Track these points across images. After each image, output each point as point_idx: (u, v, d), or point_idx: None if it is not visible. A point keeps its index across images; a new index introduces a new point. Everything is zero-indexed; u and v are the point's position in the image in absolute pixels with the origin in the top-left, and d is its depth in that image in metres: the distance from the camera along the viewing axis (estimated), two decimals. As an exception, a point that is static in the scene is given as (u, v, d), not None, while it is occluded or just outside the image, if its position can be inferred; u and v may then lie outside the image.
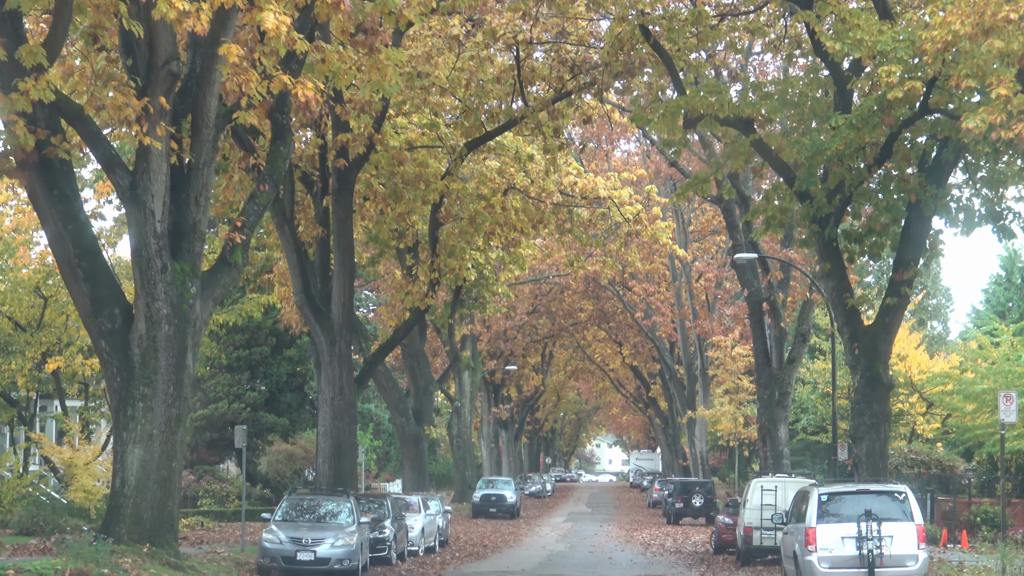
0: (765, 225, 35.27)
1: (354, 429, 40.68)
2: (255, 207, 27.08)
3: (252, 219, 27.00)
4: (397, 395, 54.64)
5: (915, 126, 31.31)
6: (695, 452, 75.04)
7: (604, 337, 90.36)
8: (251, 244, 50.92)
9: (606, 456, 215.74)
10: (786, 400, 47.39)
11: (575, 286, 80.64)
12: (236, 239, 26.29)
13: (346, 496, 31.01)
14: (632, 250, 60.04)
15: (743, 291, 48.13)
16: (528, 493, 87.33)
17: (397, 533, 33.97)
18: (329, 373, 40.20)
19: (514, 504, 64.03)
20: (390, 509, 34.43)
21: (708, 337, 71.00)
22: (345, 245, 39.89)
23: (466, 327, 68.15)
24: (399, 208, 40.23)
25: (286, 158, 28.44)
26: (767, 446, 47.15)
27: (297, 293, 40.15)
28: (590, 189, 49.57)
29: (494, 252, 52.72)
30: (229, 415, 65.93)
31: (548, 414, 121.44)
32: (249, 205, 27.11)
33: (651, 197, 55.70)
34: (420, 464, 55.06)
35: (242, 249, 26.61)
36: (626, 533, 52.63)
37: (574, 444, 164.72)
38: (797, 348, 47.74)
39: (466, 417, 70.19)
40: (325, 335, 39.85)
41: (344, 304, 40.14)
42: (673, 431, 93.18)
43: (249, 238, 26.98)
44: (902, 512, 25.59)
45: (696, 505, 59.23)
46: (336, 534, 29.09)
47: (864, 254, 33.92)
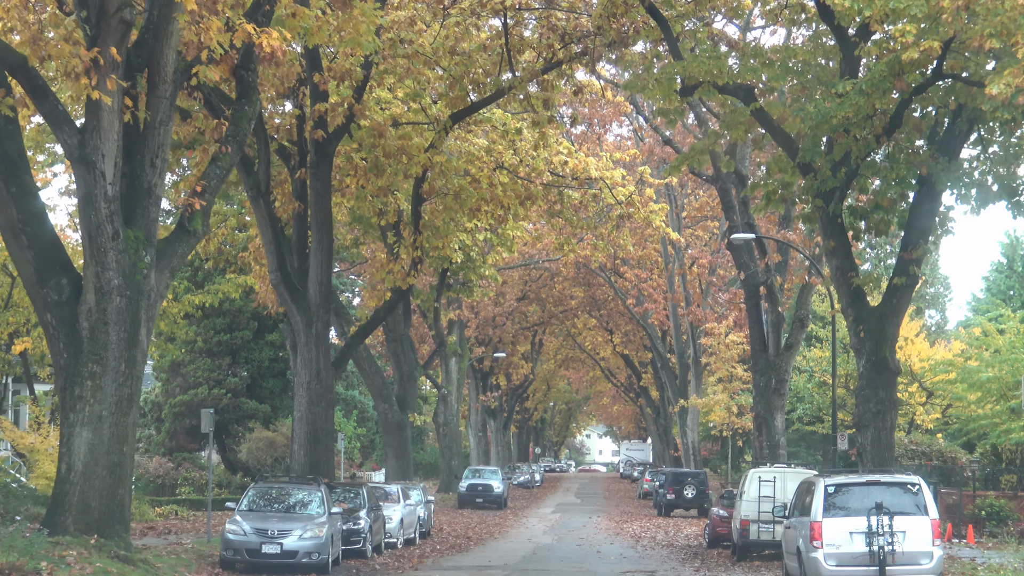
0: (765, 200, 33.09)
1: (331, 415, 38.50)
2: (217, 171, 24.83)
3: (213, 183, 24.75)
4: (380, 381, 52.43)
5: (926, 95, 29.19)
6: (687, 442, 72.94)
7: (595, 325, 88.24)
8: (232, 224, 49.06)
9: (596, 446, 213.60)
10: (783, 388, 45.23)
11: (565, 272, 78.48)
12: (195, 205, 24.05)
13: (316, 485, 28.81)
14: (624, 233, 58.13)
15: (739, 275, 45.93)
16: (516, 483, 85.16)
17: (373, 524, 31.75)
18: (305, 355, 38.05)
19: (501, 494, 61.89)
20: (365, 499, 32.22)
21: (701, 325, 68.88)
22: (323, 221, 37.70)
23: (453, 312, 66.01)
24: (380, 182, 38.00)
25: (251, 118, 26.17)
26: (763, 436, 45.02)
27: (272, 271, 37.99)
28: (581, 170, 47.65)
29: (481, 233, 50.65)
30: (209, 401, 63.74)
31: (538, 403, 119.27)
32: (210, 168, 24.87)
33: (644, 179, 53.63)
34: (404, 452, 52.87)
35: (202, 216, 24.37)
36: (616, 525, 50.51)
37: (564, 434, 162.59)
38: (795, 334, 45.58)
39: (453, 405, 68.04)
40: (301, 315, 37.70)
41: (322, 283, 37.97)
42: (664, 421, 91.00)
43: (210, 204, 24.74)
44: (915, 505, 23.40)
45: (688, 496, 57.12)
46: (304, 525, 26.89)
47: (870, 231, 31.80)
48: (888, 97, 27.55)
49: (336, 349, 41.67)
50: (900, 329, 33.47)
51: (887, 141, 29.57)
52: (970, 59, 27.33)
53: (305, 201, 37.93)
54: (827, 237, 31.51)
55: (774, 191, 32.48)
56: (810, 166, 30.24)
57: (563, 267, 76.41)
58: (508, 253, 53.80)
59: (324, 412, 38.01)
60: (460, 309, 67.63)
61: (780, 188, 32.50)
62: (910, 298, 32.10)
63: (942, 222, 31.32)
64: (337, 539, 28.32)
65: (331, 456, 38.39)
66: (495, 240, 52.15)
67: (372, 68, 36.23)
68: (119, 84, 22.36)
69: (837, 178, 29.94)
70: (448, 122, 37.79)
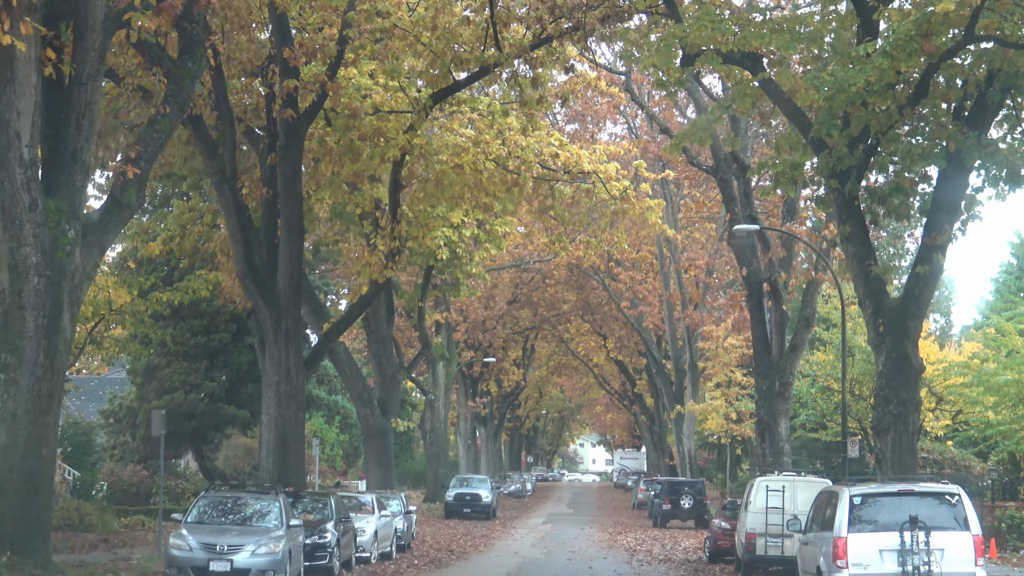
0: (774, 182, 29.78)
1: (302, 418, 35.22)
2: (155, 134, 21.52)
3: (151, 149, 21.44)
4: (361, 384, 49.08)
5: (954, 61, 25.95)
6: (683, 450, 69.57)
7: (588, 330, 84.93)
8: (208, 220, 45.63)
9: (590, 455, 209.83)
10: (787, 391, 41.90)
11: (557, 275, 75.25)
12: (129, 173, 20.73)
13: (275, 494, 25.47)
14: (619, 231, 55.01)
15: (740, 271, 42.55)
16: (507, 493, 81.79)
17: (342, 537, 28.40)
18: (274, 354, 34.80)
19: (489, 504, 58.57)
20: (334, 509, 28.85)
21: (698, 328, 65.63)
22: (293, 208, 34.46)
23: (440, 314, 62.67)
24: (355, 167, 34.70)
25: (195, 76, 22.87)
26: (766, 442, 41.66)
27: (238, 263, 34.75)
28: (573, 163, 44.74)
29: (468, 229, 47.47)
30: (185, 406, 60.28)
31: (530, 411, 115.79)
32: (148, 132, 21.56)
33: (639, 173, 50.51)
34: (386, 460, 49.50)
35: (137, 186, 21.04)
36: (609, 537, 47.17)
37: (557, 443, 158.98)
38: (800, 334, 42.26)
39: (440, 411, 64.66)
40: (270, 310, 34.44)
41: (292, 275, 34.71)
42: (659, 429, 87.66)
43: (147, 173, 21.44)
44: (955, 519, 20.01)
45: (685, 507, 53.82)
46: (259, 539, 23.55)
47: (890, 215, 28.57)
48: (914, 60, 24.32)
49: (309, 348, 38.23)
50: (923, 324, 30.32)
51: (911, 112, 26.33)
52: (1007, 19, 24.11)
53: (275, 187, 34.67)
54: (842, 222, 28.19)
55: (783, 172, 29.18)
56: (824, 143, 26.97)
57: (555, 269, 73.17)
58: (496, 250, 50.57)
59: (294, 415, 34.77)
60: (448, 311, 64.28)
61: (790, 169, 29.20)
62: (934, 289, 28.85)
63: (969, 205, 27.96)
64: (298, 554, 24.99)
65: (302, 463, 35.09)
66: (483, 237, 48.92)
67: (347, 44, 33.01)
68: (36, 30, 19.08)
69: (854, 156, 26.63)
70: (428, 101, 34.53)
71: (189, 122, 32.36)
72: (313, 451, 48.78)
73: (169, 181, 40.87)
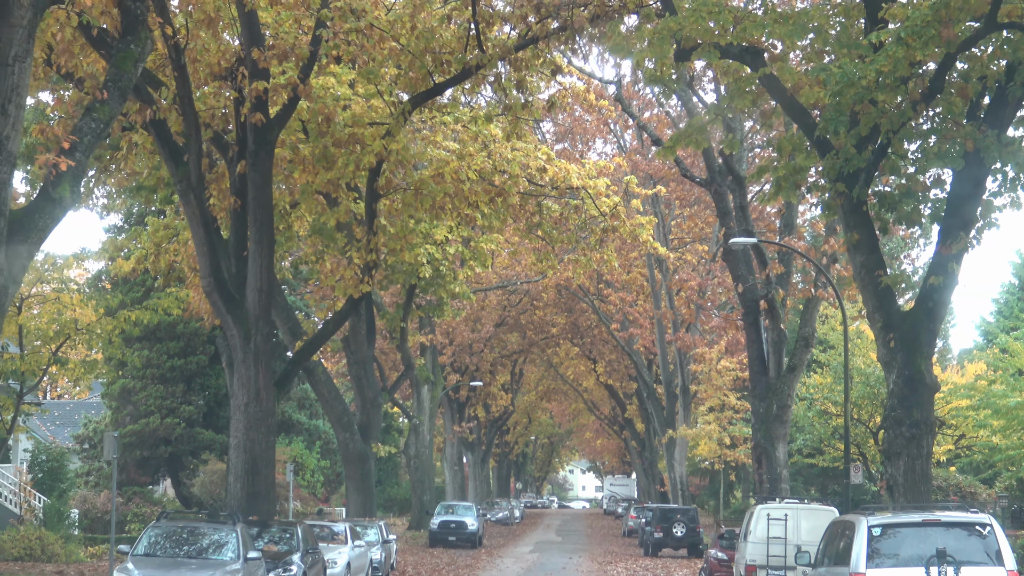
0: (775, 187, 27.51)
1: (272, 442, 32.73)
2: (91, 124, 19.10)
3: (88, 140, 19.03)
4: (340, 407, 46.61)
5: (973, 51, 23.77)
6: (674, 476, 67.16)
7: (577, 353, 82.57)
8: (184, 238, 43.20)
9: (579, 482, 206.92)
10: (785, 414, 39.61)
11: (546, 297, 72.94)
12: (62, 165, 18.37)
13: (232, 523, 23.06)
14: (608, 249, 52.80)
15: (737, 287, 40.25)
16: (494, 520, 79.21)
17: (309, 570, 25.98)
18: (243, 374, 32.35)
19: (475, 532, 56.07)
20: (301, 540, 26.40)
21: (690, 351, 63.31)
22: (263, 218, 32.09)
23: (425, 336, 60.26)
24: (330, 175, 32.39)
25: (138, 61, 20.47)
26: (763, 467, 39.34)
27: (204, 276, 32.35)
28: (561, 178, 42.59)
29: (452, 246, 45.19)
30: (162, 431, 57.97)
31: (518, 436, 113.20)
32: (84, 121, 19.15)
33: (630, 189, 48.34)
34: (366, 486, 46.98)
35: (71, 180, 18.64)
36: (599, 567, 44.70)
37: (546, 469, 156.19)
38: (799, 354, 39.98)
39: (425, 436, 62.14)
40: (238, 327, 32.05)
41: (261, 290, 32.31)
42: (650, 454, 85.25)
43: (84, 166, 19.05)
44: (986, 553, 17.57)
45: (677, 535, 51.33)
46: (211, 574, 21.15)
47: (900, 222, 26.31)
48: (930, 50, 22.11)
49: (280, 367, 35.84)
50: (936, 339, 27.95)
51: (925, 109, 24.11)
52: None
53: (244, 197, 32.32)
54: (849, 229, 25.93)
55: (786, 176, 26.94)
56: (830, 144, 24.77)
57: (543, 291, 70.87)
58: (482, 269, 48.21)
59: (264, 439, 32.30)
60: (433, 333, 61.86)
61: (793, 173, 26.95)
62: (948, 302, 26.55)
63: (985, 211, 25.69)
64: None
65: (271, 489, 32.58)
66: (468, 255, 46.62)
67: (320, 44, 30.74)
68: (-47, 3, 16.76)
69: (863, 157, 24.42)
70: (407, 105, 32.26)
71: (152, 127, 30.14)
72: (287, 476, 46.25)
73: (141, 195, 38.50)
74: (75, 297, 40.75)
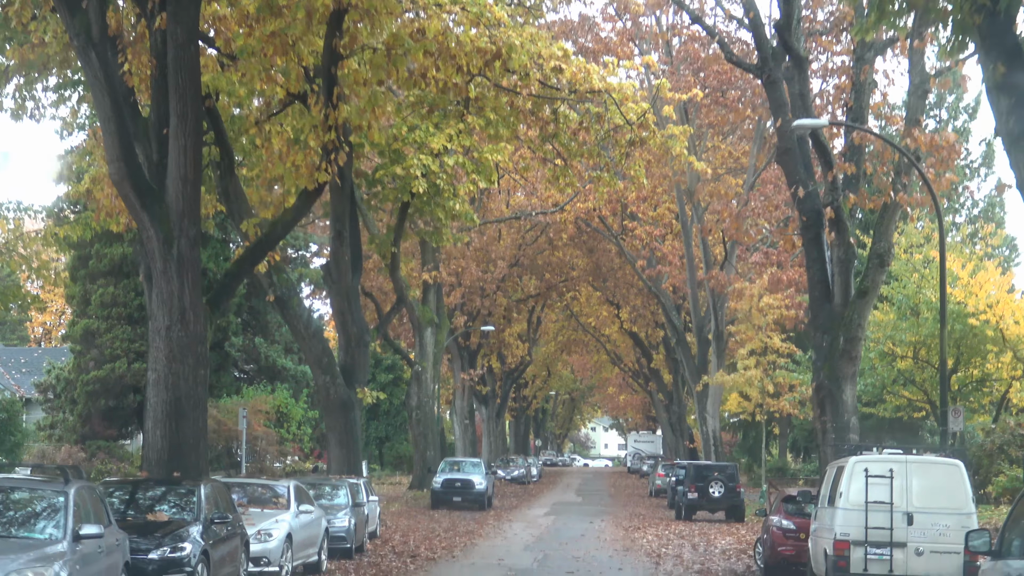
0: (876, 12, 19.05)
1: (203, 376, 24.57)
2: None
3: None
4: (319, 346, 38.34)
5: None
6: (706, 430, 58.90)
7: (599, 299, 74.22)
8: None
9: (602, 440, 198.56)
10: (854, 349, 31.07)
11: (565, 237, 64.54)
12: None
13: (61, 484, 14.89)
14: (636, 163, 44.53)
15: (795, 192, 31.58)
16: (509, 478, 71.11)
17: (214, 547, 17.75)
18: (164, 289, 24.23)
19: (483, 492, 47.98)
20: (203, 507, 18.15)
21: (724, 291, 54.94)
22: (187, 85, 23.80)
23: (428, 273, 51.92)
24: (273, 25, 24.02)
25: None
26: (826, 414, 30.89)
27: (113, 162, 24.22)
28: (581, 79, 34.61)
29: (451, 157, 37.05)
30: (130, 378, 50.08)
31: (537, 391, 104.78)
32: None
33: (660, 94, 40.14)
34: (350, 438, 38.65)
35: None
36: (625, 534, 36.51)
37: (567, 426, 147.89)
38: (872, 275, 31.36)
39: (428, 384, 54.02)
40: (156, 228, 23.91)
41: (186, 179, 24.08)
42: (678, 408, 76.95)
43: None
44: None
45: (715, 495, 43.12)
46: (18, 559, 12.98)
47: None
48: None
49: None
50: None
51: None
52: None
53: (165, 60, 24.15)
54: (992, 61, 17.46)
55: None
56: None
57: (562, 228, 62.49)
58: (487, 184, 39.96)
59: (191, 372, 24.14)
60: (437, 270, 53.54)
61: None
62: None
63: None
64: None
65: (201, 438, 24.45)
66: (470, 167, 38.38)
67: None
68: None
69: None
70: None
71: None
72: (239, 425, 38.10)
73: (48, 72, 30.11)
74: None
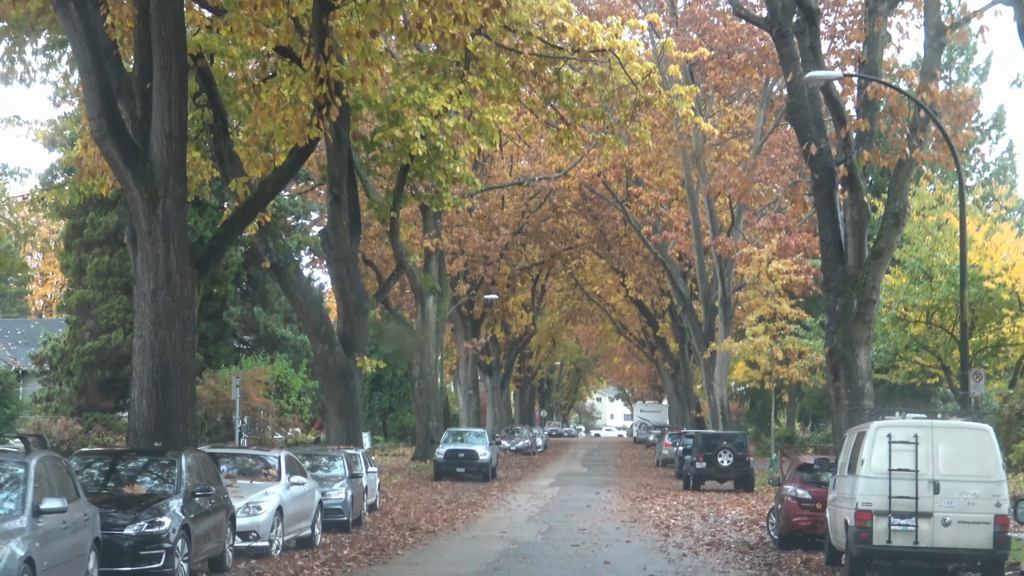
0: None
1: (191, 343, 23.48)
2: None
3: None
4: (318, 314, 37.23)
5: None
6: (713, 399, 57.72)
7: (604, 267, 72.95)
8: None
9: (607, 410, 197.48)
10: (869, 312, 29.75)
11: (569, 204, 63.25)
12: None
13: (23, 454, 13.75)
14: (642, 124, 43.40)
15: (807, 149, 30.26)
16: (514, 449, 70.05)
17: (195, 521, 16.60)
18: (148, 251, 23.13)
19: (487, 463, 46.88)
20: (184, 479, 17.00)
21: (731, 256, 53.65)
22: (171, 36, 22.66)
23: (431, 241, 50.70)
24: (259, -26, 22.76)
25: None
26: (840, 379, 29.65)
27: (94, 119, 23.09)
28: (584, 38, 33.70)
29: (451, 119, 35.82)
30: (126, 348, 48.65)
31: (542, 361, 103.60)
32: None
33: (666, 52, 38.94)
34: (349, 408, 37.54)
35: None
36: (632, 504, 35.42)
37: (573, 397, 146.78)
38: (887, 235, 30.02)
39: (430, 354, 52.90)
40: (141, 187, 22.83)
41: (171, 136, 22.94)
42: (684, 377, 75.81)
43: None
44: None
45: (723, 465, 41.95)
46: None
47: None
48: None
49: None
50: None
51: None
52: None
53: (148, 10, 22.94)
54: None
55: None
56: None
57: (566, 194, 61.19)
58: (488, 146, 38.69)
59: (179, 339, 23.08)
60: (439, 237, 52.33)
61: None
62: None
63: None
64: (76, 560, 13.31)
65: (190, 407, 23.33)
66: (471, 128, 37.12)
67: None
68: None
69: None
70: None
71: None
72: (233, 394, 36.98)
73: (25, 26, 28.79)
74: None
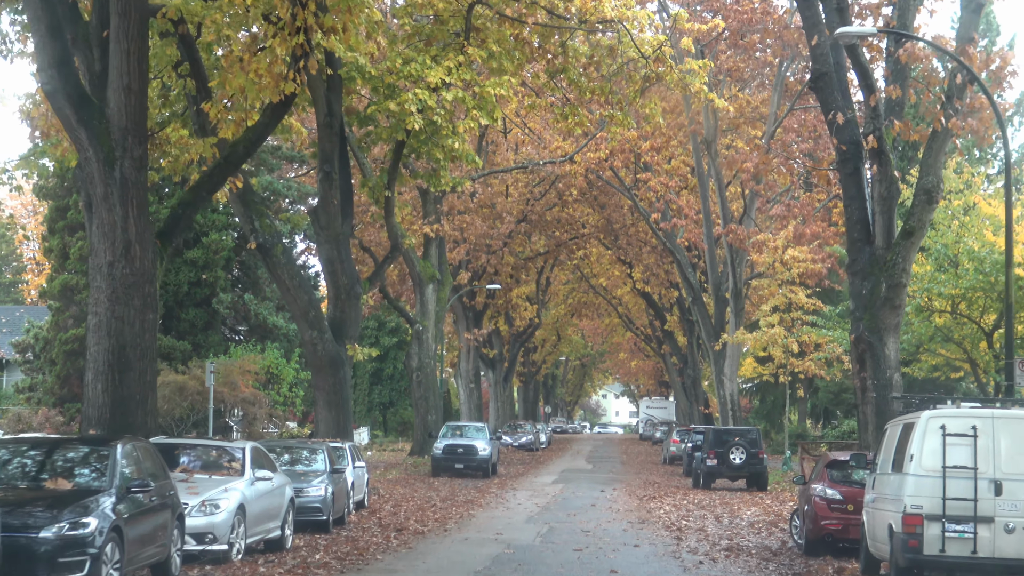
0: None
1: (152, 321, 20.97)
2: None
3: None
4: (306, 298, 34.67)
5: None
6: (723, 394, 55.09)
7: (611, 258, 70.38)
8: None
9: (613, 407, 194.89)
10: (898, 296, 27.17)
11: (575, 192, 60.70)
12: None
13: None
14: (652, 100, 41.19)
15: (833, 120, 27.71)
16: (517, 445, 67.52)
17: (129, 523, 14.00)
18: (105, 219, 20.74)
19: (487, 458, 44.34)
20: (117, 473, 14.41)
21: (743, 245, 51.07)
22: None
23: (430, 226, 48.19)
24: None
25: None
26: (866, 369, 27.07)
27: (44, 70, 20.77)
28: (591, 9, 31.51)
29: (450, 92, 33.33)
30: (111, 336, 46.28)
31: (546, 355, 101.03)
32: None
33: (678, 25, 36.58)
34: (339, 399, 35.01)
35: None
36: (639, 504, 32.86)
37: (578, 393, 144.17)
38: (919, 213, 27.43)
39: (429, 344, 50.39)
40: (96, 147, 20.44)
41: (130, 89, 20.50)
42: (693, 372, 73.16)
43: None
44: None
45: (735, 462, 39.35)
46: None
47: None
48: None
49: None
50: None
51: None
52: None
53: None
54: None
55: None
56: None
57: (572, 181, 58.60)
58: (488, 121, 36.08)
59: (138, 316, 20.62)
60: (439, 223, 49.81)
61: None
62: None
63: None
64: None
65: (150, 393, 20.82)
66: (471, 102, 34.55)
67: None
68: None
69: None
70: None
71: None
72: (207, 382, 34.45)
73: None
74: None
